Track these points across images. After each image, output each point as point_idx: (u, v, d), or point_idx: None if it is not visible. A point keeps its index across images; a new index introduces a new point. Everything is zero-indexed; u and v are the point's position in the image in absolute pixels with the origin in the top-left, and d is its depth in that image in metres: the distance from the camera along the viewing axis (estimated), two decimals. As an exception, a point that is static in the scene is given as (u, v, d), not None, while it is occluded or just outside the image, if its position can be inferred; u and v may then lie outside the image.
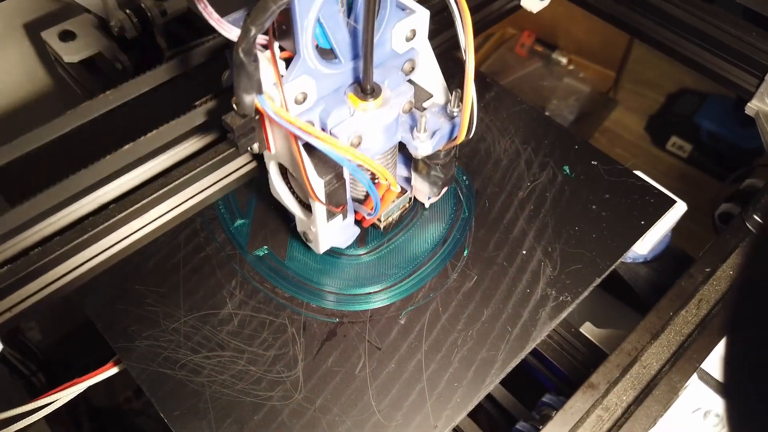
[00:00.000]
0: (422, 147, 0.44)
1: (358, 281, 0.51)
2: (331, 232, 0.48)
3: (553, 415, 0.44)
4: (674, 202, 0.55)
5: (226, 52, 0.35)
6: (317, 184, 0.42)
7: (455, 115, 0.44)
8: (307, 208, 0.47)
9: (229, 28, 0.37)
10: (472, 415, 0.50)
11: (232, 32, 0.37)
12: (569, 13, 1.16)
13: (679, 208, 0.55)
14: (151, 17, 0.64)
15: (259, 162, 0.52)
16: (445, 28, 0.59)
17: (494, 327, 0.48)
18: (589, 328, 0.57)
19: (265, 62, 0.37)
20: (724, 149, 1.12)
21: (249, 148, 0.42)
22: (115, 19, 0.63)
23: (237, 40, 0.34)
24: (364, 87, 0.41)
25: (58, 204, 0.44)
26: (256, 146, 0.42)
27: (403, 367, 0.47)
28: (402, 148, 0.48)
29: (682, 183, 1.12)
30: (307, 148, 0.41)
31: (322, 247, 0.49)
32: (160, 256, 0.52)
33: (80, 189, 0.44)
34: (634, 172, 0.58)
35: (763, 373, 0.24)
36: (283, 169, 0.47)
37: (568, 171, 0.58)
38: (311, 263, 0.52)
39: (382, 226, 0.53)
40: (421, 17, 0.43)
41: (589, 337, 0.55)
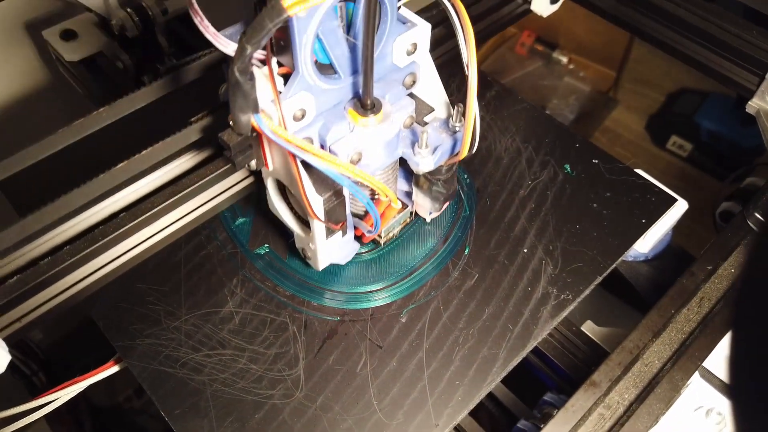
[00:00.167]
0: (423, 163, 0.43)
1: (359, 279, 0.51)
2: (330, 248, 0.47)
3: (555, 414, 0.44)
4: (675, 200, 0.55)
5: (223, 66, 0.35)
6: (316, 202, 0.41)
7: (457, 129, 0.43)
8: (305, 224, 0.46)
9: (226, 42, 0.36)
10: (473, 413, 0.50)
11: (229, 47, 0.36)
12: (569, 12, 1.16)
13: (680, 207, 0.55)
14: (152, 16, 0.64)
15: (257, 177, 0.52)
16: (446, 39, 0.59)
17: (495, 325, 0.48)
18: (590, 327, 0.57)
19: (262, 79, 0.36)
20: (724, 148, 1.12)
21: (246, 165, 0.41)
22: (116, 18, 0.63)
23: (233, 59, 0.33)
24: (365, 102, 0.40)
25: (68, 214, 0.43)
26: (253, 163, 0.42)
27: (405, 365, 0.46)
28: (403, 162, 0.47)
29: (683, 182, 1.11)
30: (306, 165, 0.40)
31: (321, 265, 0.48)
32: (161, 255, 0.52)
33: (90, 199, 0.44)
34: (635, 170, 0.58)
35: (766, 371, 0.24)
36: (282, 184, 0.46)
37: (569, 169, 0.58)
38: (312, 262, 0.52)
39: (382, 242, 0.52)
40: (423, 31, 0.42)
41: (591, 335, 0.55)
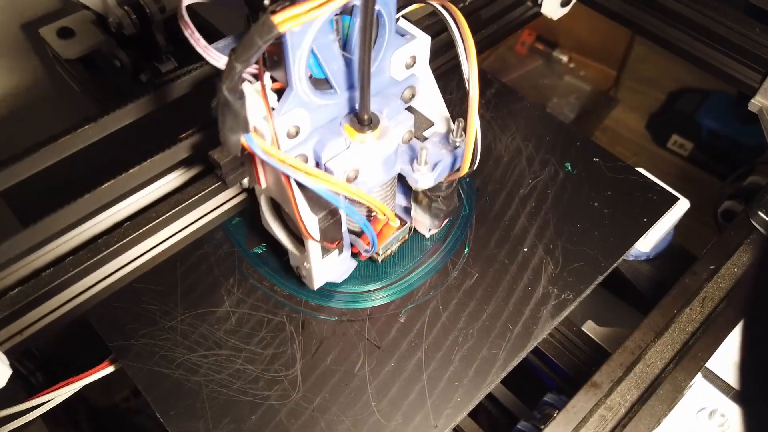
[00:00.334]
0: (423, 180, 0.42)
1: (358, 279, 0.51)
2: (326, 267, 0.46)
3: (555, 415, 0.44)
4: (677, 199, 0.55)
5: (216, 80, 0.34)
6: (311, 221, 0.40)
7: (458, 145, 0.42)
8: (300, 242, 0.45)
9: (217, 56, 0.35)
10: (472, 414, 0.50)
11: (220, 60, 0.35)
12: (570, 11, 1.15)
13: (682, 205, 0.55)
14: (149, 14, 0.63)
15: (251, 192, 0.50)
16: (448, 47, 0.58)
17: (495, 325, 0.48)
18: (591, 327, 0.57)
19: (254, 95, 0.35)
20: (725, 147, 1.11)
21: (239, 183, 0.40)
22: (113, 15, 0.63)
23: (222, 78, 0.31)
24: (361, 117, 0.38)
25: (70, 224, 0.42)
26: (246, 181, 0.40)
27: (403, 365, 0.46)
28: (401, 177, 0.45)
29: (683, 181, 1.11)
30: (300, 184, 0.38)
31: (317, 284, 0.47)
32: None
33: (97, 207, 0.43)
34: (636, 169, 0.57)
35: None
36: (276, 201, 0.44)
37: (569, 168, 0.57)
38: (310, 261, 0.51)
39: (380, 260, 0.51)
40: (422, 43, 0.40)
41: (592, 335, 0.55)
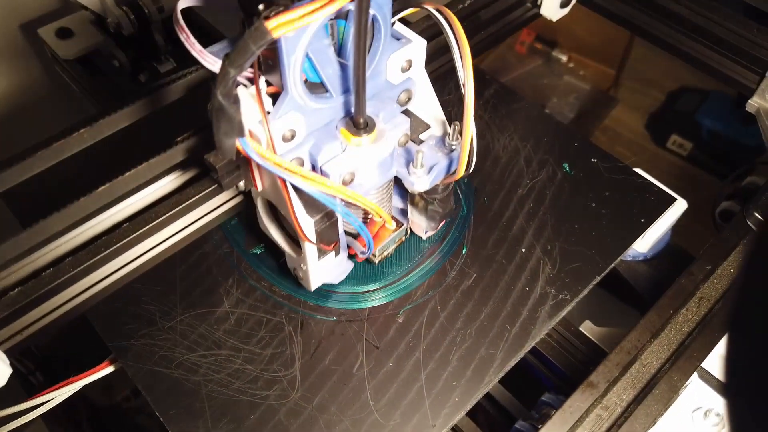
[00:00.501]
0: (419, 183, 0.42)
1: (356, 279, 0.51)
2: (323, 269, 0.46)
3: (553, 415, 0.44)
4: (674, 199, 0.55)
5: (211, 83, 0.34)
6: (307, 224, 0.40)
7: (454, 148, 0.42)
8: (297, 244, 0.45)
9: (213, 60, 0.35)
10: (470, 414, 0.50)
11: (216, 64, 0.35)
12: (569, 11, 1.15)
13: (680, 206, 0.55)
14: (148, 14, 0.63)
15: (247, 195, 0.51)
16: (444, 51, 0.58)
17: (493, 325, 0.48)
18: (588, 327, 0.57)
19: (249, 99, 0.35)
20: (725, 147, 1.11)
21: (235, 186, 0.40)
22: (112, 15, 0.63)
23: (216, 82, 0.31)
24: (357, 121, 0.39)
25: (70, 225, 0.43)
26: (242, 184, 0.41)
27: (402, 365, 0.46)
28: (398, 179, 0.46)
29: (683, 181, 1.11)
30: (296, 186, 0.38)
31: (313, 285, 0.47)
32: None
33: (95, 208, 0.43)
34: (634, 169, 0.57)
35: (764, 371, 0.24)
36: (272, 203, 0.44)
37: (567, 168, 0.57)
38: (309, 261, 0.52)
39: (376, 261, 0.51)
40: (418, 47, 0.41)
41: (589, 335, 0.55)
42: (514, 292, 0.50)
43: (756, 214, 0.53)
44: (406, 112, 0.43)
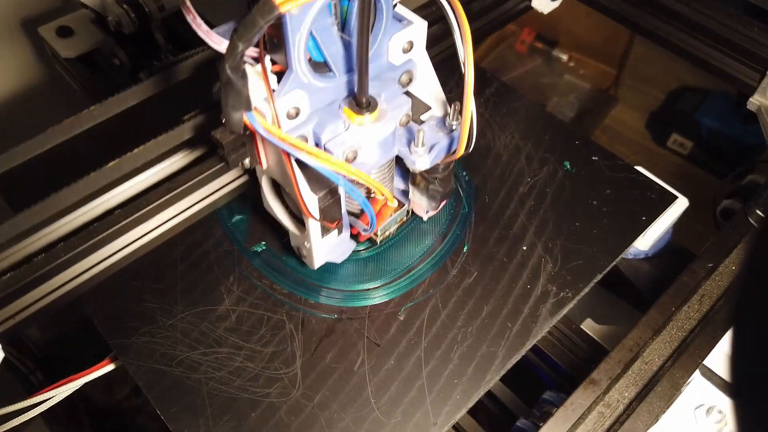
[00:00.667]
0: (420, 161, 0.43)
1: (357, 277, 0.51)
2: (326, 247, 0.47)
3: (554, 412, 0.44)
4: (676, 197, 0.55)
5: (217, 64, 0.34)
6: (311, 201, 0.41)
7: (454, 128, 0.43)
8: (300, 222, 0.46)
9: (219, 40, 0.36)
10: (472, 412, 0.50)
11: (222, 44, 0.36)
12: (570, 9, 1.15)
13: (681, 204, 0.55)
14: (148, 12, 0.63)
15: (252, 175, 0.51)
16: (445, 36, 0.59)
17: (494, 323, 0.48)
18: (590, 325, 0.57)
19: (255, 77, 0.36)
20: (725, 146, 1.11)
21: (240, 164, 0.41)
22: (112, 14, 0.63)
23: (224, 57, 0.32)
24: (360, 100, 0.40)
25: (62, 210, 0.43)
26: (247, 161, 0.41)
27: (403, 363, 0.46)
28: (399, 161, 0.47)
29: (683, 180, 1.11)
30: (300, 163, 0.39)
31: (317, 263, 0.48)
32: (157, 253, 0.51)
33: (87, 194, 0.43)
34: (635, 167, 0.57)
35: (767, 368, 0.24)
36: (276, 183, 0.45)
37: (568, 166, 0.57)
38: (310, 259, 0.52)
39: (378, 240, 0.52)
40: (419, 28, 0.41)
41: (590, 333, 0.55)
42: (515, 290, 0.50)
43: (758, 211, 0.53)
44: (408, 94, 0.44)
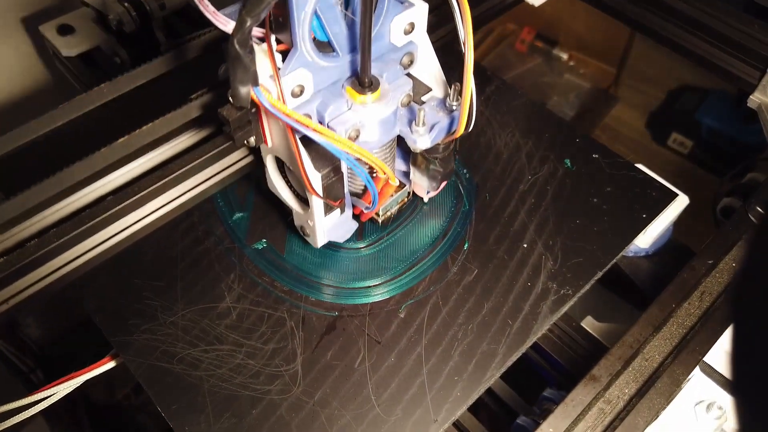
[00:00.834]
0: (421, 140, 0.44)
1: (358, 275, 0.51)
2: (329, 225, 0.48)
3: (554, 409, 0.44)
4: (676, 195, 0.55)
5: (223, 46, 0.35)
6: (314, 178, 0.42)
7: (454, 108, 0.44)
8: (304, 201, 0.47)
9: (225, 21, 0.37)
10: (472, 409, 0.50)
11: (228, 25, 0.37)
12: (570, 8, 1.15)
13: (681, 202, 0.55)
14: (149, 11, 0.63)
15: (256, 156, 0.52)
16: (445, 22, 0.59)
17: (495, 320, 0.48)
18: (590, 323, 0.57)
19: (261, 55, 0.37)
20: (725, 146, 1.11)
21: (246, 142, 0.42)
22: (113, 12, 0.63)
23: (232, 31, 0.33)
24: (362, 80, 0.41)
25: (55, 195, 0.43)
26: (252, 140, 0.42)
27: (403, 360, 0.46)
28: (401, 142, 0.48)
29: (683, 179, 1.11)
30: (304, 142, 0.40)
31: (320, 241, 0.49)
32: (158, 250, 0.51)
33: (78, 180, 0.44)
34: (636, 165, 0.57)
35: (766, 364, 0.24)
36: (280, 162, 0.46)
37: (569, 164, 0.57)
38: (310, 256, 0.52)
39: (380, 220, 0.53)
40: (420, 10, 0.42)
41: (591, 331, 0.55)
42: (515, 287, 0.50)
43: (758, 209, 0.53)
44: (409, 76, 0.45)
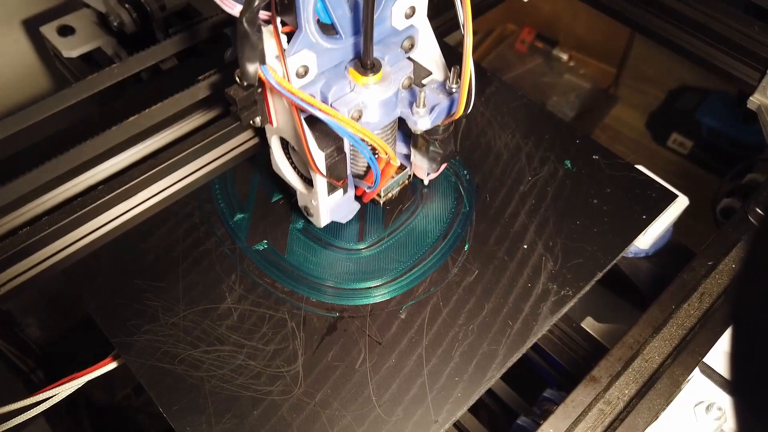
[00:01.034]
0: (421, 122, 0.45)
1: (359, 276, 0.51)
2: (332, 205, 0.49)
3: (554, 410, 0.44)
4: (676, 196, 0.55)
5: (229, 29, 0.36)
6: (318, 157, 0.43)
7: (454, 91, 0.45)
8: (308, 182, 0.48)
9: (232, 4, 0.38)
10: (472, 410, 0.50)
11: (235, 8, 0.38)
12: (570, 9, 1.15)
13: (681, 203, 0.55)
14: (150, 12, 0.64)
15: (261, 137, 0.52)
16: (439, 14, 0.60)
17: (495, 321, 0.48)
18: (590, 323, 0.57)
19: (267, 36, 0.38)
20: (725, 146, 1.11)
21: (251, 122, 0.43)
22: (114, 14, 0.63)
23: (241, 10, 0.35)
24: (365, 62, 0.42)
25: (49, 182, 0.44)
26: (258, 119, 0.43)
27: (404, 361, 0.46)
28: (402, 126, 0.49)
29: (683, 179, 1.11)
30: (309, 122, 0.42)
31: (323, 221, 0.50)
32: (159, 250, 0.51)
33: (73, 167, 0.44)
34: (636, 166, 0.57)
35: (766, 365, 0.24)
36: (285, 143, 0.48)
37: (569, 165, 0.57)
38: (311, 257, 0.52)
39: (381, 201, 0.54)
40: None
41: (591, 332, 0.55)
42: (516, 288, 0.50)
43: (758, 210, 0.53)
44: (410, 60, 0.46)
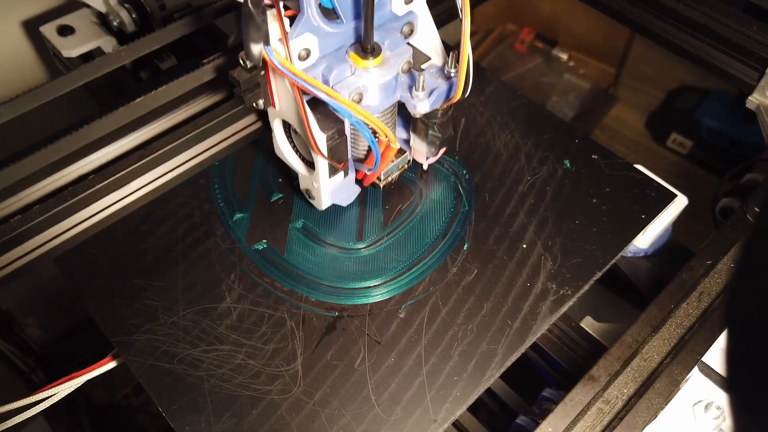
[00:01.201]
0: (420, 105, 0.46)
1: (358, 275, 0.51)
2: (333, 187, 0.50)
3: (553, 409, 0.44)
4: (675, 195, 0.55)
5: (233, 15, 0.37)
6: (320, 138, 0.44)
7: (452, 75, 0.46)
8: (309, 165, 0.49)
9: None
10: (471, 409, 0.50)
11: None
12: (569, 9, 1.15)
13: (680, 202, 0.55)
14: (150, 12, 0.64)
15: (263, 121, 0.53)
16: (438, 2, 0.60)
17: (494, 321, 0.48)
18: (589, 323, 0.57)
19: (270, 18, 0.39)
20: (725, 146, 1.12)
21: (254, 105, 0.44)
22: (114, 13, 0.63)
23: None
24: (365, 46, 0.43)
25: (43, 169, 0.44)
26: (261, 102, 0.44)
27: (403, 360, 0.46)
28: (401, 111, 0.50)
29: (682, 179, 1.11)
30: (310, 104, 0.42)
31: (324, 203, 0.51)
32: (159, 250, 0.52)
33: (67, 154, 0.45)
34: (635, 165, 0.57)
35: (765, 364, 0.24)
36: (287, 127, 0.48)
37: (568, 165, 0.57)
38: (310, 257, 0.52)
39: (381, 185, 0.55)
40: None
41: (590, 331, 0.55)
42: (515, 287, 0.50)
43: (756, 209, 0.53)
44: (409, 46, 0.47)
